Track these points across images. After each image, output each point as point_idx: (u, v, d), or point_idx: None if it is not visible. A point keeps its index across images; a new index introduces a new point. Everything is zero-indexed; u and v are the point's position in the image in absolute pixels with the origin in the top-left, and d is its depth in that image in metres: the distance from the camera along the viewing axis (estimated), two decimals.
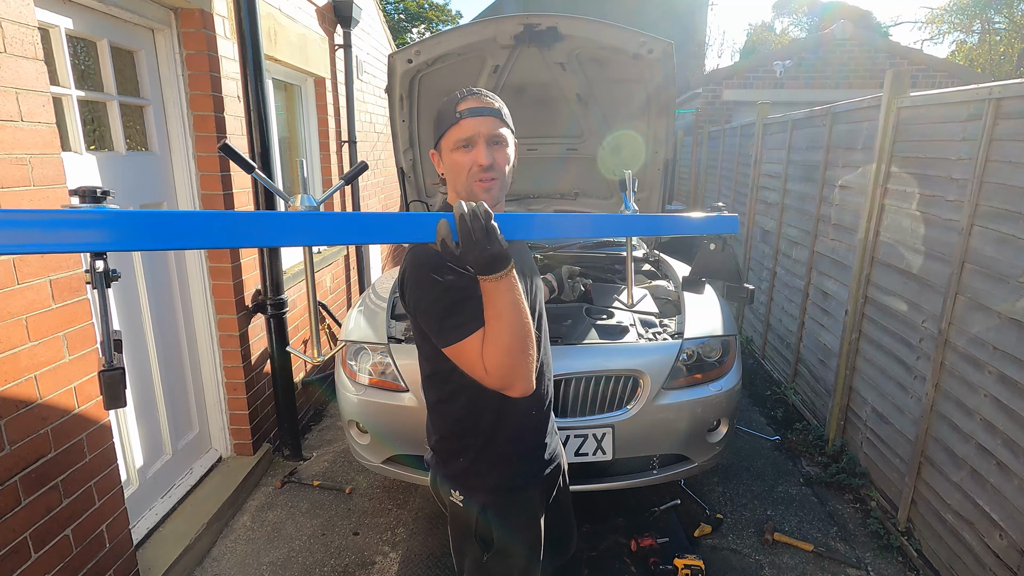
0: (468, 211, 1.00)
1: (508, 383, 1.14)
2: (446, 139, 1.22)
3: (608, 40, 2.52)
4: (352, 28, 4.40)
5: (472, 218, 1.00)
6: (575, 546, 1.68)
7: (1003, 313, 2.02)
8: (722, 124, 7.77)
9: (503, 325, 1.10)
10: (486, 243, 1.01)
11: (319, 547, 2.57)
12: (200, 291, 2.78)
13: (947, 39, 24.86)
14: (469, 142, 1.20)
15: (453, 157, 1.22)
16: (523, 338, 1.11)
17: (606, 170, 3.13)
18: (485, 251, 1.02)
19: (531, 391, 1.16)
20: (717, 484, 3.02)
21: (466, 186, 1.22)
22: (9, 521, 1.64)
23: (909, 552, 2.47)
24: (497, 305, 1.09)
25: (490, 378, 1.13)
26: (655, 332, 2.63)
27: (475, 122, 1.20)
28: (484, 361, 1.12)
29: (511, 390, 1.15)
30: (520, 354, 1.12)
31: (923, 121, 2.58)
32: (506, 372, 1.12)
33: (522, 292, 1.13)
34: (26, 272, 1.67)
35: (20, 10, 1.66)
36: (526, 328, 1.12)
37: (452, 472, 1.37)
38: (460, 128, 1.20)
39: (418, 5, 21.13)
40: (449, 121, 1.21)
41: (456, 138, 1.20)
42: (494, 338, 1.11)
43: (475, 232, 1.00)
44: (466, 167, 1.21)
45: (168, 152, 2.60)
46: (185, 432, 2.79)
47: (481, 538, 1.36)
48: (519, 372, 1.13)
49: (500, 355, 1.11)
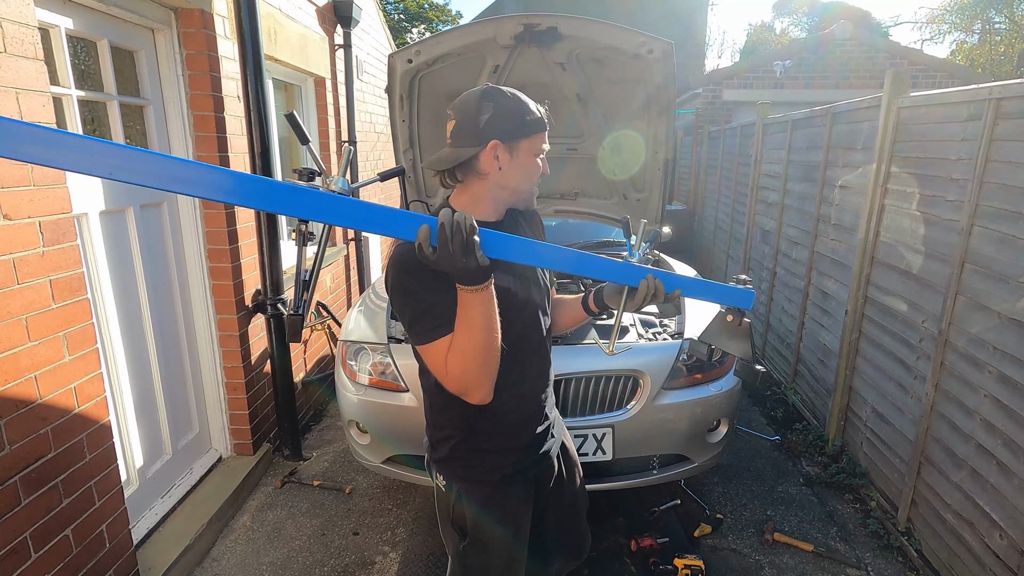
0: (450, 222, 1.01)
1: (464, 389, 1.19)
2: (532, 141, 1.26)
3: (608, 40, 2.52)
4: (352, 28, 4.40)
5: (454, 229, 1.01)
6: (588, 550, 1.67)
7: (1003, 313, 2.02)
8: (722, 124, 7.77)
9: (469, 335, 1.14)
10: (461, 255, 1.02)
11: (319, 547, 2.57)
12: (200, 291, 2.78)
13: (947, 39, 24.86)
14: (545, 154, 1.30)
15: (532, 160, 1.27)
16: (485, 351, 1.15)
17: (606, 170, 3.12)
18: (459, 262, 1.03)
19: (487, 400, 1.21)
20: (717, 484, 3.02)
21: (531, 189, 1.31)
22: (9, 521, 1.64)
23: (909, 552, 2.47)
24: (468, 314, 1.13)
25: (449, 381, 1.18)
26: (655, 332, 2.63)
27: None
28: (447, 364, 1.17)
29: (467, 396, 1.20)
30: (480, 366, 1.16)
31: (923, 121, 2.58)
32: (464, 379, 1.17)
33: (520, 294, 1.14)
34: (26, 272, 1.67)
35: (20, 10, 1.66)
36: (491, 343, 1.15)
37: (438, 457, 1.42)
38: (544, 136, 1.28)
39: (418, 5, 21.13)
40: (541, 127, 1.26)
41: (541, 146, 1.28)
42: (459, 345, 1.15)
43: (453, 242, 1.01)
44: (539, 172, 1.29)
45: (168, 152, 2.60)
46: (185, 432, 2.79)
47: (458, 526, 1.41)
48: (476, 382, 1.17)
49: (461, 362, 1.15)
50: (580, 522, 1.63)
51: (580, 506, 1.62)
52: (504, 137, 1.22)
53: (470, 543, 1.40)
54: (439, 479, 1.42)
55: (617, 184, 3.19)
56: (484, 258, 1.06)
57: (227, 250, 2.76)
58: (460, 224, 1.01)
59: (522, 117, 1.23)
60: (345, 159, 1.06)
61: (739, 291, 1.36)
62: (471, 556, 1.41)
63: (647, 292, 1.26)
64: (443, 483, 1.41)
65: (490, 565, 1.41)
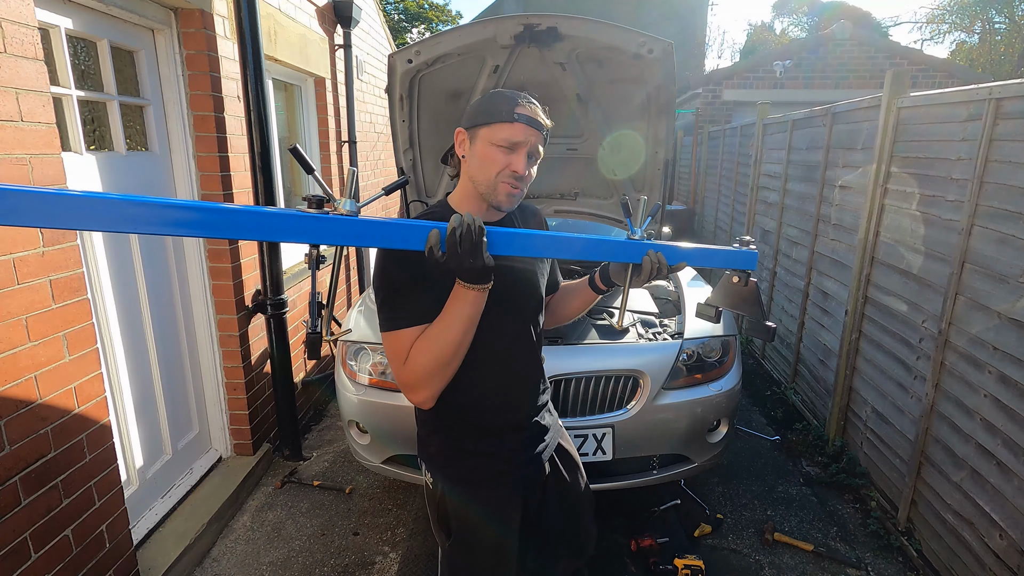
0: (461, 226, 1.04)
1: (414, 383, 1.21)
2: (491, 131, 1.21)
3: (608, 40, 2.52)
4: (352, 28, 4.40)
5: (464, 232, 1.04)
6: (592, 550, 1.66)
7: (1003, 313, 2.02)
8: (722, 124, 7.77)
9: (448, 330, 1.16)
10: (470, 257, 1.06)
11: (319, 547, 2.57)
12: (200, 291, 2.77)
13: (947, 39, 24.86)
14: (514, 147, 1.21)
15: (490, 151, 1.21)
16: (454, 351, 1.18)
17: (606, 170, 3.13)
18: (466, 263, 1.07)
19: (428, 406, 1.25)
20: (717, 484, 3.02)
21: (492, 183, 1.22)
22: (9, 521, 1.64)
23: (909, 552, 2.47)
24: (456, 310, 1.15)
25: (404, 372, 1.20)
26: (655, 332, 2.63)
27: (528, 131, 1.21)
28: (410, 354, 1.18)
29: (413, 392, 1.22)
30: (443, 364, 1.18)
31: (923, 121, 2.58)
32: (420, 373, 1.19)
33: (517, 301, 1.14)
34: (26, 272, 1.67)
35: (20, 10, 1.65)
36: (462, 345, 1.19)
37: (426, 454, 1.42)
38: (513, 129, 1.20)
39: (418, 5, 21.13)
40: (504, 117, 1.20)
41: (504, 136, 1.20)
42: (433, 336, 1.17)
43: (463, 245, 1.05)
44: (500, 165, 1.21)
45: (168, 152, 2.60)
46: (185, 432, 2.79)
47: (444, 523, 1.42)
48: (429, 379, 1.20)
49: (425, 354, 1.17)
50: (582, 522, 1.62)
51: (583, 507, 1.61)
52: (466, 123, 1.25)
53: (455, 541, 1.40)
54: (427, 475, 1.43)
55: (617, 184, 3.19)
56: (490, 258, 1.09)
57: (227, 250, 2.76)
58: (469, 226, 1.04)
59: (488, 107, 1.22)
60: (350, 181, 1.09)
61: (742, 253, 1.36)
62: (457, 554, 1.42)
63: (651, 267, 1.28)
64: (430, 480, 1.42)
65: (476, 565, 1.41)
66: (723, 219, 6.17)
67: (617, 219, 3.35)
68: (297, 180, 4.13)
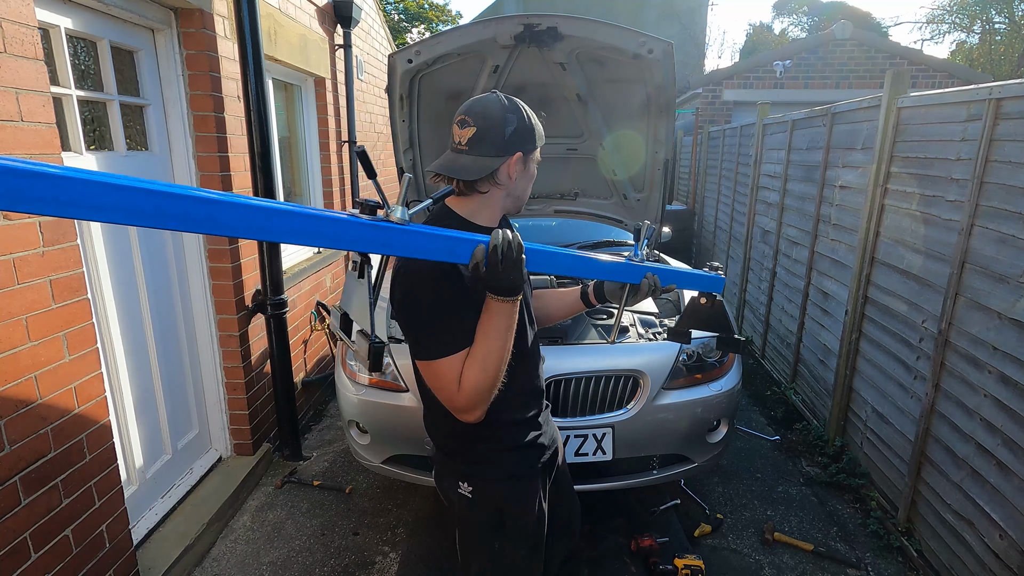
0: (504, 242, 1.06)
1: (473, 406, 1.19)
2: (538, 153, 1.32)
3: (608, 40, 2.52)
4: (352, 28, 4.40)
5: (506, 249, 1.06)
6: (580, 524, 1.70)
7: (1003, 313, 2.02)
8: (722, 124, 7.77)
9: (493, 345, 1.16)
10: (511, 272, 1.08)
11: (319, 547, 2.57)
12: (200, 291, 2.77)
13: (947, 39, 24.86)
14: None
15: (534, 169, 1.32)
16: (501, 362, 1.17)
17: (606, 170, 3.13)
18: (507, 279, 1.09)
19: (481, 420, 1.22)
20: (717, 484, 3.02)
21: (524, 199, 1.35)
22: (9, 521, 1.64)
23: (909, 552, 2.47)
24: (494, 324, 1.15)
25: (460, 397, 1.18)
26: (655, 332, 2.63)
27: None
28: (462, 378, 1.17)
29: (469, 415, 1.20)
30: (497, 382, 1.18)
31: (923, 121, 2.58)
32: (480, 396, 1.17)
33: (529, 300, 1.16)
34: (26, 272, 1.67)
35: (20, 10, 1.65)
36: (507, 355, 1.18)
37: (460, 465, 1.39)
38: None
39: (418, 5, 21.12)
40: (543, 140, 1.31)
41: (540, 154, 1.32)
42: (481, 355, 1.16)
43: (504, 262, 1.07)
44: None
45: (168, 152, 2.60)
46: (185, 432, 2.79)
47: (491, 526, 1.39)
48: (488, 399, 1.19)
49: (479, 373, 1.16)
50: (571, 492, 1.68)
51: (567, 480, 1.66)
52: (527, 150, 1.27)
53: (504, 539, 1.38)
54: (463, 487, 1.37)
55: (617, 184, 3.19)
56: (526, 272, 1.12)
57: (227, 250, 2.76)
58: (512, 244, 1.07)
59: (536, 131, 1.29)
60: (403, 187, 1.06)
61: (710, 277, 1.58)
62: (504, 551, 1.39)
63: (648, 288, 1.41)
64: (469, 490, 1.37)
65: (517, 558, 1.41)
66: (723, 219, 6.17)
67: (616, 219, 3.36)
68: (297, 180, 4.14)
